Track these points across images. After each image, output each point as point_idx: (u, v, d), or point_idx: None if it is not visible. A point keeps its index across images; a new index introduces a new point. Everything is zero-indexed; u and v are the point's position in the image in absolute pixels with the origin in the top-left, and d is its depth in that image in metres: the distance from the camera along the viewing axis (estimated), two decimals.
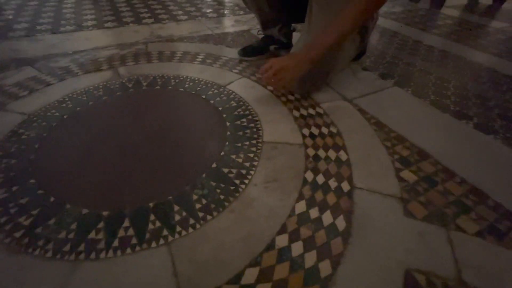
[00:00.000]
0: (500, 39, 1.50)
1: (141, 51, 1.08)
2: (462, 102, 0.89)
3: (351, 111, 0.80)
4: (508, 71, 1.13)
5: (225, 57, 1.07)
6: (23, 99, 0.77)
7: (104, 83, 0.86)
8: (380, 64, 1.10)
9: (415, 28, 1.57)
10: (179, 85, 0.87)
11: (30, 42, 1.09)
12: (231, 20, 1.47)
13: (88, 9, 1.49)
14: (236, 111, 0.78)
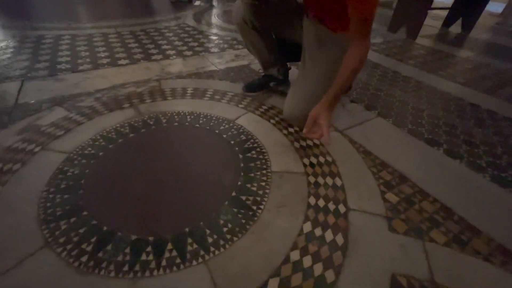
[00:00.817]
0: (467, 68, 1.72)
1: (156, 89, 1.21)
2: (434, 130, 1.06)
3: (342, 141, 0.95)
4: (472, 99, 1.33)
5: (231, 93, 1.22)
6: (60, 138, 0.88)
7: (128, 121, 0.98)
8: (365, 96, 1.27)
9: (394, 59, 1.78)
10: (194, 121, 1.01)
11: (54, 82, 1.21)
12: (231, 55, 1.64)
13: (101, 46, 1.63)
14: (246, 144, 0.91)
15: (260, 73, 1.27)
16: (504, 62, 1.88)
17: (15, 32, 1.75)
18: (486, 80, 1.56)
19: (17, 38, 1.66)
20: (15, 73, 1.26)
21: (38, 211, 0.64)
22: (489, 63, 1.83)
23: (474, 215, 0.71)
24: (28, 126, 0.92)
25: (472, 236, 0.66)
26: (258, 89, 1.21)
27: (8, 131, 0.90)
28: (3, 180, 0.72)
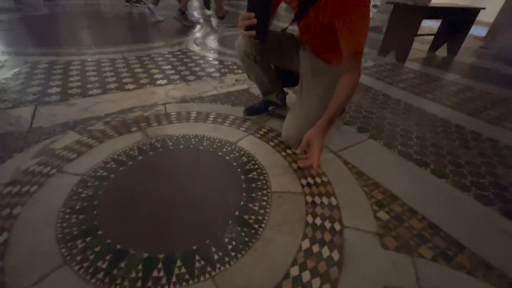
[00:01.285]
0: (452, 91, 1.84)
1: (161, 112, 1.29)
2: (422, 151, 1.14)
3: (337, 162, 1.03)
4: (457, 121, 1.42)
5: (232, 116, 1.30)
6: (74, 161, 0.94)
7: (137, 144, 1.05)
8: (358, 119, 1.36)
9: (384, 82, 1.90)
10: (198, 144, 1.08)
11: (66, 107, 1.29)
12: (232, 79, 1.74)
13: (108, 71, 1.73)
14: (248, 166, 0.98)
15: (260, 97, 1.36)
16: (488, 84, 2.01)
17: (27, 58, 1.85)
18: (470, 102, 1.67)
19: (30, 64, 1.75)
20: (28, 98, 1.34)
21: (56, 231, 0.69)
22: (473, 86, 1.95)
23: (458, 232, 0.77)
24: (43, 149, 0.99)
25: (457, 251, 0.71)
26: (258, 113, 1.29)
27: (25, 154, 0.96)
28: (21, 201, 0.77)
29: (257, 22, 0.77)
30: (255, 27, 0.78)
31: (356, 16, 0.77)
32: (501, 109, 1.60)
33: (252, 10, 0.77)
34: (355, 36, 0.80)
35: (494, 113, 1.54)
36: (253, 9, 0.77)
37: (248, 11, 0.78)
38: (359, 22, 0.78)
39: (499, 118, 1.49)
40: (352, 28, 0.79)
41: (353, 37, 0.80)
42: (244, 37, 0.83)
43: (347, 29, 0.80)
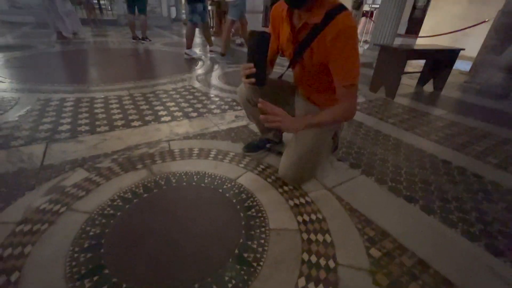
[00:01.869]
0: (439, 126, 1.95)
1: (166, 149, 1.37)
2: (411, 187, 1.20)
3: (331, 199, 1.09)
4: (444, 156, 1.51)
5: (232, 152, 1.38)
6: (82, 199, 1.00)
7: (142, 182, 1.11)
8: (350, 154, 1.44)
9: (375, 117, 2.01)
10: (200, 181, 1.14)
11: (75, 144, 1.37)
12: (232, 116, 1.85)
13: (116, 108, 1.84)
14: (246, 203, 1.04)
15: (258, 134, 1.45)
16: (472, 119, 2.13)
17: (40, 95, 1.98)
18: (456, 137, 1.77)
19: (42, 101, 1.87)
20: (40, 136, 1.42)
21: (65, 269, 0.73)
22: (459, 121, 2.07)
23: (447, 269, 0.81)
24: (54, 187, 1.05)
25: None
26: (257, 150, 1.38)
27: (36, 192, 1.01)
28: (32, 240, 0.82)
29: (256, 71, 0.88)
30: (254, 75, 0.89)
31: (347, 52, 0.87)
32: (485, 144, 1.70)
33: (251, 61, 0.88)
34: (348, 70, 0.89)
35: (479, 148, 1.63)
36: (252, 60, 0.88)
37: (248, 62, 0.89)
38: (350, 56, 0.87)
39: (483, 153, 1.58)
40: (345, 62, 0.88)
41: (346, 71, 0.89)
42: (245, 84, 0.94)
43: (340, 65, 0.89)
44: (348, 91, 0.92)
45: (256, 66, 0.88)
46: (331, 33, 0.85)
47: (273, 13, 1.05)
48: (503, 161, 1.49)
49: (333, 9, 0.85)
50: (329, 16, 0.85)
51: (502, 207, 1.12)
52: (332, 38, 0.85)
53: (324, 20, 0.86)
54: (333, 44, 0.86)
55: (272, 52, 1.10)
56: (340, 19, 0.84)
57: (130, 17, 4.67)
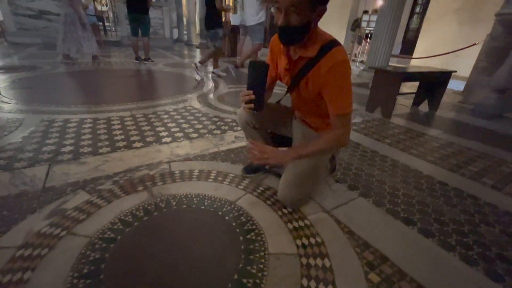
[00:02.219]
0: (435, 146, 1.99)
1: (166, 171, 1.39)
2: (408, 209, 1.22)
3: (329, 222, 1.10)
4: (441, 177, 1.53)
5: (232, 174, 1.40)
6: (83, 222, 1.00)
7: (142, 204, 1.12)
8: (348, 176, 1.47)
9: (372, 138, 2.06)
10: (200, 203, 1.16)
11: (78, 166, 1.39)
12: (231, 137, 1.89)
13: (118, 129, 1.88)
14: (246, 226, 1.04)
15: None
16: (467, 140, 2.18)
17: (44, 116, 2.02)
18: (452, 158, 1.80)
19: (46, 122, 1.91)
20: (43, 157, 1.45)
21: None
22: (454, 141, 2.11)
23: None
24: (55, 210, 1.06)
25: None
26: (256, 172, 1.40)
27: (37, 215, 1.02)
28: (32, 265, 0.82)
29: (254, 97, 0.93)
30: (253, 100, 0.94)
31: (340, 84, 0.92)
32: (480, 164, 1.73)
33: (250, 89, 0.93)
34: (342, 101, 0.94)
35: (474, 169, 1.66)
36: (251, 88, 0.93)
37: (247, 89, 0.94)
38: (343, 88, 0.92)
39: (479, 174, 1.60)
40: (338, 93, 0.93)
41: (339, 101, 0.94)
42: (245, 109, 0.98)
43: (334, 96, 0.94)
44: (341, 120, 0.96)
45: (254, 94, 0.93)
46: (326, 66, 0.90)
47: (272, 44, 1.11)
48: (498, 182, 1.52)
49: (327, 44, 0.91)
50: (324, 50, 0.91)
51: (499, 229, 1.13)
52: (327, 71, 0.91)
53: (319, 54, 0.91)
54: (328, 76, 0.91)
55: (271, 79, 1.16)
56: (334, 53, 0.90)
57: (133, 39, 4.84)
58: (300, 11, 0.82)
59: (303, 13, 0.83)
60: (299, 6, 0.81)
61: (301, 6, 0.81)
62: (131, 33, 4.79)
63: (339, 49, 0.91)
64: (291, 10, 0.82)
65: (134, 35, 4.77)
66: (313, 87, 0.99)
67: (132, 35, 4.81)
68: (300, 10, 0.82)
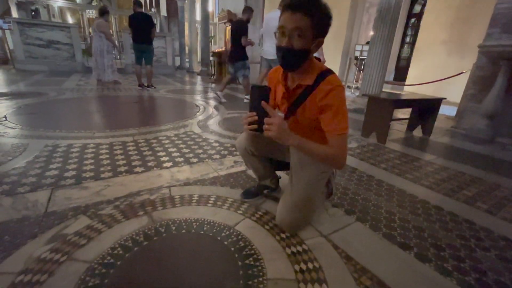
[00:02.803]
0: (429, 171, 2.04)
1: (166, 196, 1.42)
2: (405, 234, 1.23)
3: (327, 247, 1.11)
4: (436, 202, 1.56)
5: (231, 198, 1.43)
6: (83, 247, 1.01)
7: (143, 229, 1.14)
8: (345, 200, 1.49)
9: (368, 163, 2.11)
10: (199, 228, 1.17)
11: (80, 190, 1.42)
12: (231, 161, 1.94)
13: (120, 154, 1.93)
14: (244, 251, 1.05)
15: (256, 180, 1.52)
16: (461, 164, 2.23)
17: (48, 141, 2.08)
18: (447, 182, 1.84)
19: (50, 147, 1.96)
20: (46, 182, 1.48)
21: None
22: (448, 166, 2.16)
23: None
24: (56, 235, 1.07)
25: None
26: (254, 196, 1.43)
27: (38, 241, 1.04)
28: None
29: (257, 119, 0.98)
30: (256, 122, 0.99)
31: (337, 107, 0.98)
32: (475, 189, 1.77)
33: (253, 110, 0.99)
34: (338, 123, 0.99)
35: (469, 194, 1.69)
36: (255, 110, 0.99)
37: (250, 111, 1.00)
38: (339, 110, 0.98)
39: (473, 198, 1.63)
40: (334, 116, 0.99)
41: (335, 123, 0.99)
42: (247, 130, 1.02)
43: (330, 119, 0.99)
44: (338, 140, 1.00)
45: (257, 115, 0.99)
46: (322, 92, 0.98)
47: (270, 75, 1.20)
48: (492, 207, 1.54)
49: (323, 72, 1.00)
50: (320, 78, 0.99)
51: (495, 254, 1.14)
52: (323, 96, 0.98)
53: (316, 82, 1.00)
54: (324, 101, 0.99)
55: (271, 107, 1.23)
56: (330, 80, 0.99)
57: (137, 67, 5.08)
58: (303, 36, 0.92)
59: (305, 39, 0.92)
60: (302, 31, 0.90)
61: (304, 32, 0.91)
62: (135, 61, 5.04)
63: (334, 77, 1.00)
64: (295, 34, 0.91)
65: (137, 63, 5.02)
66: (310, 113, 1.06)
67: (135, 63, 5.06)
68: (303, 36, 0.91)
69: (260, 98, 0.99)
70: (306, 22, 0.89)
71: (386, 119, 2.62)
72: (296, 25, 0.90)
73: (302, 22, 0.89)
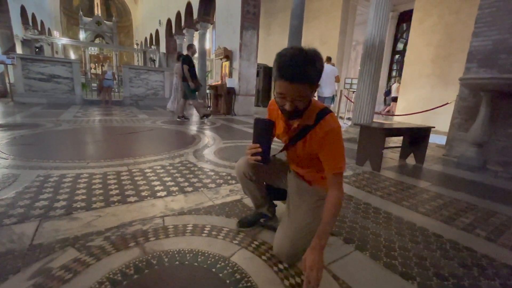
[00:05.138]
0: (425, 198, 2.04)
1: (160, 226, 1.37)
2: (406, 262, 1.20)
3: (327, 278, 1.06)
4: (434, 229, 1.54)
5: (226, 228, 1.39)
6: (69, 282, 0.95)
7: (133, 261, 1.08)
8: (343, 229, 1.46)
9: (364, 191, 2.10)
10: (193, 260, 1.12)
11: (69, 221, 1.36)
12: (226, 190, 1.91)
13: (113, 184, 1.89)
14: (240, 284, 1.00)
15: (252, 208, 1.49)
16: (455, 191, 2.24)
17: (40, 172, 2.04)
18: (443, 209, 1.84)
19: (42, 178, 1.92)
20: (34, 213, 1.43)
21: None
22: (443, 193, 2.17)
23: None
24: (40, 269, 1.01)
25: None
26: (251, 225, 1.39)
27: (21, 275, 0.97)
28: None
29: (261, 150, 1.00)
30: (260, 154, 1.01)
31: (335, 147, 1.02)
32: (472, 216, 1.76)
33: (257, 142, 1.02)
34: (337, 160, 1.02)
35: (466, 220, 1.68)
36: (259, 142, 1.02)
37: (253, 143, 1.02)
38: (338, 149, 1.02)
39: (471, 225, 1.62)
40: (334, 156, 1.03)
41: (335, 161, 1.03)
42: (251, 160, 1.04)
43: (330, 158, 1.03)
44: (337, 178, 1.04)
45: (261, 147, 1.01)
46: (322, 131, 1.03)
47: (270, 107, 1.23)
48: (491, 234, 1.53)
49: (321, 111, 1.06)
50: (319, 117, 1.04)
51: (499, 283, 1.11)
52: (323, 136, 1.03)
53: (316, 120, 1.04)
54: (324, 140, 1.03)
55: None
56: (328, 120, 1.04)
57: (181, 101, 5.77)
58: (305, 96, 0.93)
59: (307, 97, 0.95)
60: (303, 95, 0.92)
61: (305, 94, 0.92)
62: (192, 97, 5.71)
63: (332, 116, 1.06)
64: (297, 99, 0.92)
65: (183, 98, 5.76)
66: (309, 148, 1.09)
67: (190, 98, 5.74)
68: (304, 97, 0.93)
69: (264, 130, 1.03)
70: (305, 87, 0.90)
71: (379, 147, 2.68)
72: (297, 94, 0.91)
73: (302, 88, 0.90)
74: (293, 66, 0.87)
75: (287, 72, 0.88)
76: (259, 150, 1.01)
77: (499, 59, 3.13)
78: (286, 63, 0.88)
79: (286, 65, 0.88)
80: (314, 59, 0.90)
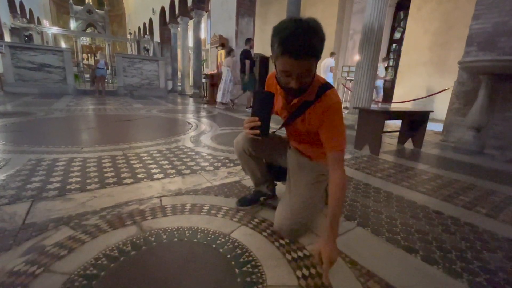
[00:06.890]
0: (424, 179, 2.03)
1: (157, 205, 1.34)
2: (408, 237, 1.18)
3: None
4: (435, 207, 1.53)
5: (226, 207, 1.36)
6: (63, 258, 0.92)
7: (130, 239, 1.05)
8: (344, 207, 1.44)
9: (363, 172, 2.09)
10: (192, 236, 1.09)
11: (63, 202, 1.32)
12: (224, 172, 1.88)
13: (108, 167, 1.84)
14: (242, 258, 0.98)
15: (251, 189, 1.46)
16: (454, 173, 2.24)
17: (32, 156, 1.98)
18: (443, 189, 1.83)
19: (34, 161, 1.86)
20: (26, 194, 1.38)
21: None
22: (442, 174, 2.17)
23: None
24: (33, 247, 0.97)
25: None
26: (250, 203, 1.37)
27: (12, 253, 0.93)
28: None
29: (261, 123, 0.96)
30: (259, 127, 0.96)
31: (336, 123, 0.98)
32: (472, 194, 1.75)
33: (256, 115, 0.97)
34: (337, 138, 0.98)
35: (466, 199, 1.67)
36: (258, 114, 0.97)
37: (252, 116, 0.97)
38: (338, 126, 0.98)
39: (471, 203, 1.61)
40: (334, 132, 0.98)
41: (335, 139, 0.98)
42: (248, 134, 0.99)
43: (330, 135, 0.99)
44: (338, 156, 0.98)
45: (261, 119, 0.96)
46: (322, 107, 0.98)
47: (268, 82, 1.16)
48: (491, 211, 1.52)
49: (322, 86, 1.00)
50: (320, 92, 0.99)
51: (502, 255, 1.10)
52: (323, 111, 0.98)
53: (317, 96, 0.99)
54: (324, 117, 0.98)
55: None
56: (329, 95, 0.98)
57: None
58: (310, 71, 0.87)
59: (312, 69, 0.88)
60: (310, 68, 0.85)
61: (311, 69, 0.86)
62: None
63: (333, 91, 1.00)
64: (304, 74, 0.86)
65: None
66: (309, 124, 1.05)
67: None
68: (311, 70, 0.87)
69: (264, 102, 0.97)
70: (311, 61, 0.85)
71: (378, 130, 2.65)
72: (303, 69, 0.85)
73: (308, 63, 0.84)
74: (298, 40, 0.79)
75: (292, 48, 0.80)
76: (258, 124, 0.96)
77: (499, 42, 3.10)
78: (290, 38, 0.80)
79: (290, 39, 0.80)
80: (317, 29, 0.83)
